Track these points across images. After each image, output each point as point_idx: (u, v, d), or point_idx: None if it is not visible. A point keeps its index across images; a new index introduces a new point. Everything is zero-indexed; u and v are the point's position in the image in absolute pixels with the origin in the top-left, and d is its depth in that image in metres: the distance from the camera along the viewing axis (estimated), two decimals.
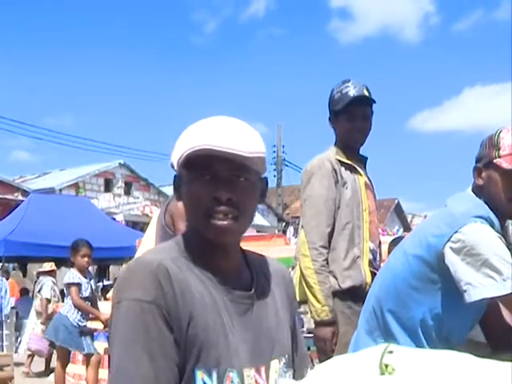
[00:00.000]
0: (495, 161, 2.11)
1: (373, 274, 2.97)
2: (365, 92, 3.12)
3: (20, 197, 22.78)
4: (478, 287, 1.98)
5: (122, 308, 1.22)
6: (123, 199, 28.80)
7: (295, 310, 1.54)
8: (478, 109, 65.53)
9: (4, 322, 11.01)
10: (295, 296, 1.59)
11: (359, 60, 57.95)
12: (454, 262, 2.02)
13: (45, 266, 10.59)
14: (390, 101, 53.65)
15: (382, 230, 10.96)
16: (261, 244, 9.29)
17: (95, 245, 6.61)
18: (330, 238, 3.04)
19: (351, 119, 3.11)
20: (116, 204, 28.16)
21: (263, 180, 1.40)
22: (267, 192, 1.43)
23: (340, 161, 3.12)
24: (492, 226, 2.06)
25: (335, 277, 3.01)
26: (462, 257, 2.01)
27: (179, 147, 1.31)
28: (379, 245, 3.27)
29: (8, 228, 12.32)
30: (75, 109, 60.51)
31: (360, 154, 3.26)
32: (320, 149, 3.26)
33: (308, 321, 7.08)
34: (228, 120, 1.33)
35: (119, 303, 1.23)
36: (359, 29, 71.14)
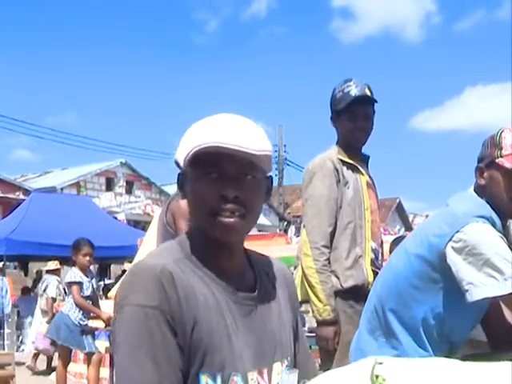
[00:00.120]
0: (497, 160, 2.12)
1: (375, 274, 2.97)
2: (367, 91, 3.11)
3: (21, 196, 22.82)
4: (480, 287, 1.98)
5: (126, 313, 1.21)
6: (125, 198, 28.83)
7: (297, 310, 1.54)
8: (480, 108, 65.63)
9: (5, 321, 11.02)
10: (297, 296, 1.59)
11: (361, 59, 58.03)
12: (456, 262, 2.02)
13: (50, 265, 10.59)
14: (392, 100, 53.64)
15: (384, 230, 10.95)
16: (262, 243, 9.29)
17: (96, 244, 6.60)
18: (332, 238, 3.03)
19: (353, 119, 3.10)
20: (117, 203, 28.19)
21: (269, 178, 1.39)
22: (272, 190, 1.42)
23: (342, 160, 3.11)
24: (493, 226, 2.07)
25: (337, 276, 3.01)
26: (464, 256, 2.01)
27: (186, 144, 1.30)
28: (381, 244, 3.26)
29: (9, 227, 12.34)
30: (77, 108, 60.62)
31: (362, 153, 3.26)
32: (321, 148, 3.26)
33: (310, 320, 7.08)
34: (235, 118, 1.32)
35: (122, 308, 1.22)
36: (361, 28, 71.28)
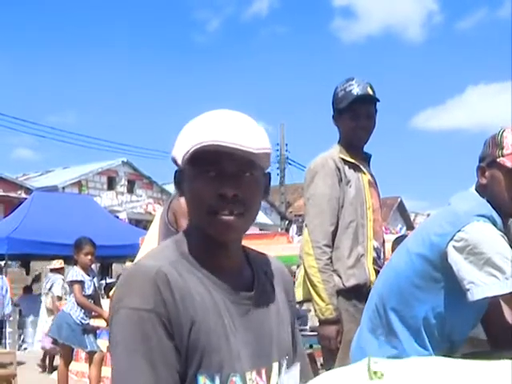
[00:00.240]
0: (498, 160, 2.12)
1: (377, 272, 2.96)
2: (369, 90, 3.11)
3: (23, 195, 22.80)
4: (481, 286, 1.98)
5: (121, 317, 1.20)
6: (126, 197, 28.82)
7: (294, 309, 1.53)
8: (482, 107, 65.59)
9: (6, 320, 11.04)
10: (294, 294, 1.58)
11: (362, 59, 58.04)
12: (457, 261, 2.02)
13: (54, 264, 10.61)
14: (394, 99, 53.65)
15: (385, 229, 10.95)
16: (263, 242, 9.30)
17: (98, 243, 6.61)
18: (334, 237, 3.03)
19: (355, 117, 3.10)
20: (119, 202, 28.18)
21: (267, 175, 1.37)
22: (270, 188, 1.41)
23: (344, 159, 3.11)
24: (494, 225, 2.07)
25: (339, 275, 3.00)
26: (465, 256, 2.01)
27: (184, 142, 1.28)
28: (383, 243, 3.26)
29: (11, 226, 12.36)
30: (78, 107, 60.63)
31: (364, 152, 3.26)
32: (323, 147, 3.26)
33: (312, 319, 7.09)
34: (234, 114, 1.31)
35: (118, 311, 1.21)
36: (362, 28, 71.20)
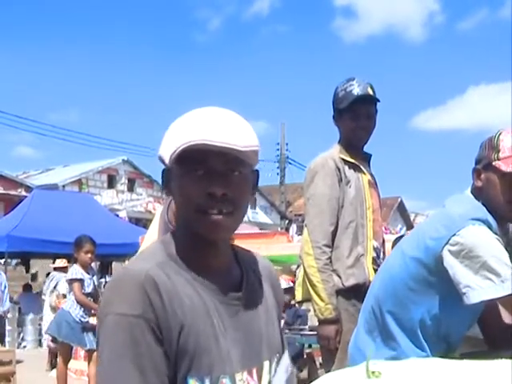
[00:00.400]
0: (494, 163, 2.10)
1: (376, 272, 2.97)
2: (369, 90, 3.11)
3: (23, 193, 22.84)
4: (477, 289, 1.98)
5: (109, 322, 1.18)
6: (126, 196, 28.85)
7: (281, 307, 1.53)
8: (482, 108, 65.63)
9: (6, 318, 11.03)
10: (281, 292, 1.58)
11: (363, 59, 58.03)
12: (453, 265, 2.02)
13: (58, 263, 10.64)
14: (394, 99, 53.69)
15: (385, 229, 10.96)
16: (263, 241, 9.31)
17: (98, 241, 6.60)
18: (334, 237, 3.04)
19: (355, 118, 3.10)
20: (119, 200, 28.21)
21: (255, 173, 1.36)
22: (258, 185, 1.40)
23: (344, 159, 3.11)
24: (490, 228, 2.06)
25: (339, 275, 3.01)
26: (461, 260, 2.01)
27: (171, 141, 1.26)
28: (383, 243, 3.26)
29: (11, 224, 12.38)
30: (79, 105, 60.75)
31: (364, 152, 3.26)
32: (324, 147, 3.27)
33: (311, 319, 7.10)
34: (221, 112, 1.29)
35: (106, 317, 1.19)
36: (363, 27, 71.24)
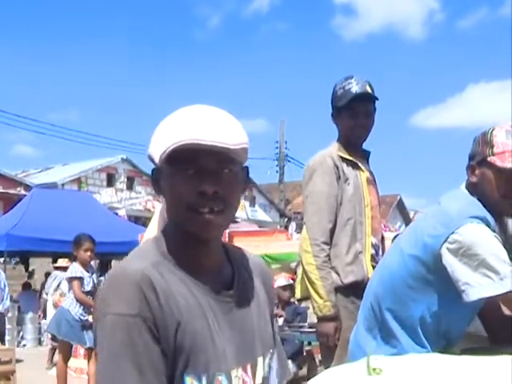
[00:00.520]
0: (489, 159, 2.11)
1: (375, 269, 2.97)
2: (367, 88, 3.12)
3: (22, 191, 22.84)
4: (476, 287, 1.98)
5: (107, 322, 1.19)
6: (125, 194, 28.85)
7: (273, 303, 1.54)
8: (482, 106, 65.60)
9: (5, 316, 11.04)
10: (273, 287, 1.59)
11: (363, 57, 58.05)
12: (452, 263, 2.02)
13: (60, 262, 10.67)
14: (394, 97, 53.68)
15: (384, 226, 10.97)
16: (263, 239, 9.30)
17: (97, 239, 6.60)
18: (332, 234, 3.04)
19: (353, 116, 3.11)
20: (118, 199, 28.21)
21: (245, 169, 1.36)
22: (248, 182, 1.40)
23: (342, 157, 3.12)
24: (488, 226, 2.06)
25: (337, 272, 3.01)
26: (459, 257, 2.01)
27: (160, 140, 1.26)
28: (382, 240, 3.27)
29: (10, 222, 12.38)
30: (78, 104, 60.67)
31: (363, 149, 3.26)
32: (323, 144, 3.27)
33: (311, 316, 7.10)
34: (209, 110, 1.29)
35: (104, 317, 1.20)
36: (363, 25, 71.36)
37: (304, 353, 7.54)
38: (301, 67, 64.96)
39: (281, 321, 7.64)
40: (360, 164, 3.17)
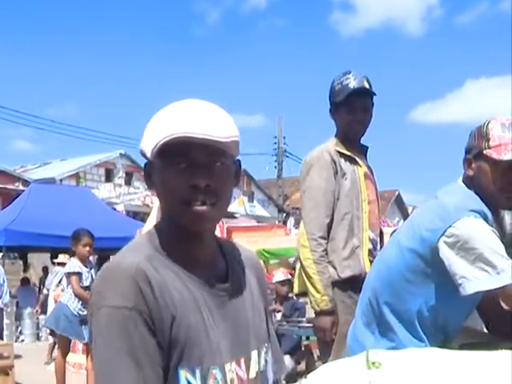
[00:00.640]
0: (485, 152, 2.11)
1: (372, 264, 2.98)
2: (365, 84, 3.12)
3: (21, 187, 22.81)
4: (473, 280, 1.98)
5: (103, 315, 1.19)
6: (124, 189, 28.83)
7: (267, 298, 1.55)
8: (480, 101, 65.69)
9: (4, 311, 11.06)
10: (266, 281, 1.59)
11: (361, 52, 57.95)
12: (449, 257, 2.03)
13: (61, 258, 10.67)
14: (392, 93, 53.69)
15: (383, 222, 10.97)
16: (261, 234, 9.32)
17: (96, 235, 6.58)
18: (330, 229, 3.05)
19: (351, 111, 3.11)
20: (117, 194, 28.18)
21: (236, 163, 1.37)
22: (240, 175, 1.41)
23: (339, 152, 3.12)
24: (485, 220, 2.06)
25: (334, 267, 3.02)
26: (456, 251, 2.01)
27: (152, 134, 1.27)
28: (380, 234, 3.28)
29: (9, 218, 12.36)
30: (77, 99, 60.64)
31: (361, 144, 3.27)
32: (321, 140, 3.26)
33: (309, 311, 7.11)
34: (200, 104, 1.30)
35: (99, 310, 1.20)
36: (361, 21, 71.23)
37: (302, 348, 7.56)
38: (299, 63, 65.07)
39: (279, 316, 7.65)
40: (358, 159, 3.17)
